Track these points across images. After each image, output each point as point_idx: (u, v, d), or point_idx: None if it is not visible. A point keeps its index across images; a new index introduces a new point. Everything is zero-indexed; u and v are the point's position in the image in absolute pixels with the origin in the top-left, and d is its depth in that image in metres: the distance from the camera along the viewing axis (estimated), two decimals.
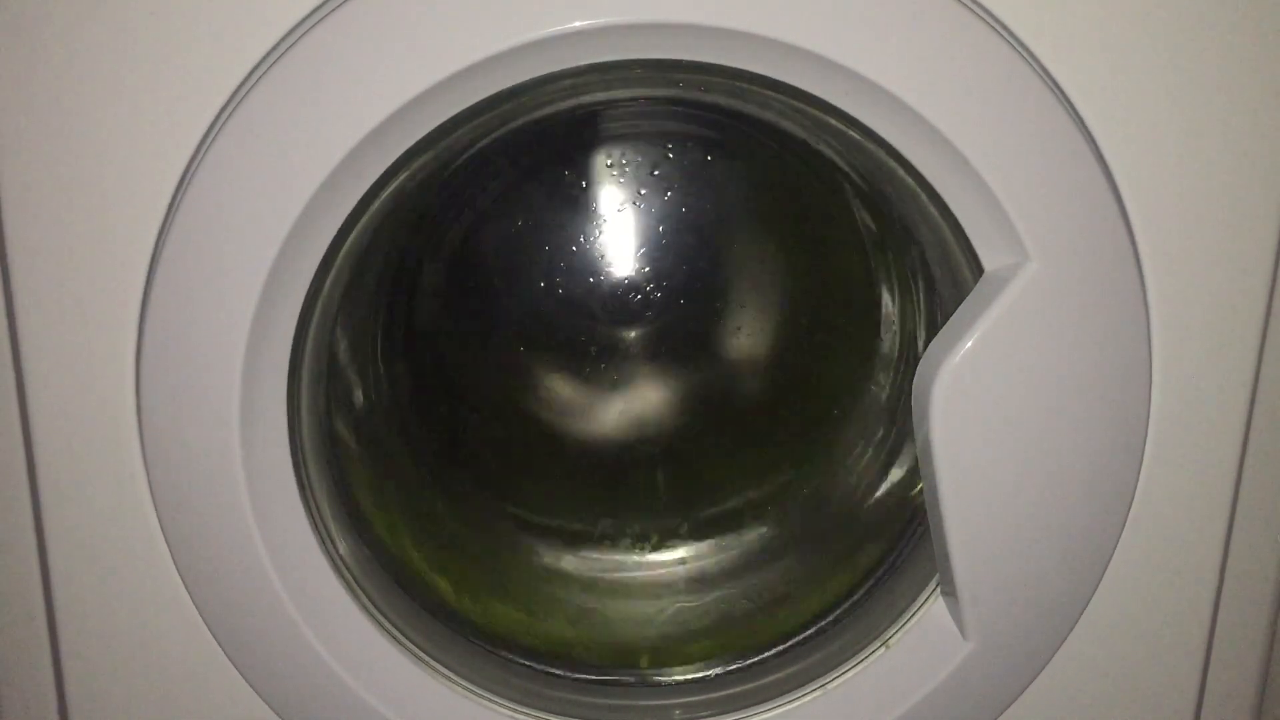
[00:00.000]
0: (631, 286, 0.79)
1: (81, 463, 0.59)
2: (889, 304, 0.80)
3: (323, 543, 0.62)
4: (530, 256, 0.79)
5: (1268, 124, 0.57)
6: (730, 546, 0.83)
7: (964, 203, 0.57)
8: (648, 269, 0.79)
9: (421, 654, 0.64)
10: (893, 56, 0.53)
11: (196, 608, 0.60)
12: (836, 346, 0.85)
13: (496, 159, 0.75)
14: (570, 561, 0.82)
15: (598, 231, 0.78)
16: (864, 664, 0.65)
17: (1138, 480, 0.62)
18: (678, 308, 0.80)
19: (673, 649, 0.76)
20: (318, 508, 0.63)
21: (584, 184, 0.78)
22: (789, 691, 0.66)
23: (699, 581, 0.82)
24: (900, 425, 0.77)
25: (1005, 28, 0.55)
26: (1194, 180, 0.58)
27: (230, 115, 0.53)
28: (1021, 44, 0.55)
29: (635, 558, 0.83)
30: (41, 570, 0.61)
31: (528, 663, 0.72)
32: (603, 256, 0.79)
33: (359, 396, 0.76)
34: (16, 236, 0.55)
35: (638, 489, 0.85)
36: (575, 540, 0.83)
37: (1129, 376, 0.59)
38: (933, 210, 0.60)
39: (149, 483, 0.58)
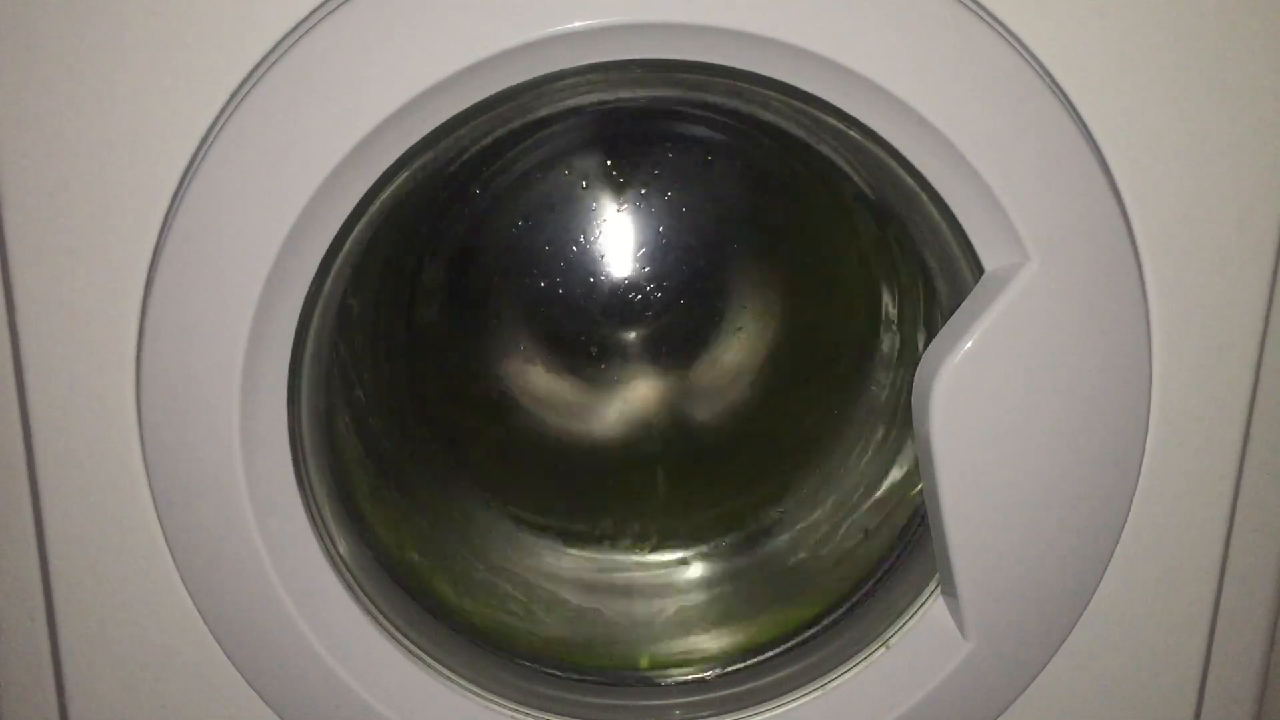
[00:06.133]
0: (632, 286, 0.79)
1: (81, 463, 0.59)
2: (889, 304, 0.80)
3: (323, 543, 0.62)
4: (530, 256, 0.79)
5: (1268, 124, 0.57)
6: (730, 546, 0.83)
7: (964, 203, 0.57)
8: (648, 269, 0.79)
9: (421, 654, 0.64)
10: (893, 56, 0.53)
11: (196, 608, 0.60)
12: (836, 346, 0.85)
13: (497, 159, 0.75)
14: (570, 561, 0.82)
15: (598, 231, 0.78)
16: (864, 664, 0.65)
17: (1138, 480, 0.62)
18: (678, 308, 0.80)
19: (673, 649, 0.76)
20: (318, 508, 0.63)
21: (584, 184, 0.78)
22: (789, 691, 0.66)
23: (699, 581, 0.82)
24: (900, 425, 0.77)
25: (1005, 28, 0.55)
26: (1194, 180, 0.58)
27: (230, 115, 0.53)
28: (1022, 44, 0.55)
29: (635, 558, 0.83)
30: (41, 570, 0.61)
31: (528, 663, 0.72)
32: (603, 256, 0.78)
33: (359, 396, 0.76)
34: (16, 236, 0.55)
35: (637, 489, 0.85)
36: (575, 540, 0.83)
37: (1129, 376, 0.59)
38: (933, 210, 0.60)
39: (149, 483, 0.58)
